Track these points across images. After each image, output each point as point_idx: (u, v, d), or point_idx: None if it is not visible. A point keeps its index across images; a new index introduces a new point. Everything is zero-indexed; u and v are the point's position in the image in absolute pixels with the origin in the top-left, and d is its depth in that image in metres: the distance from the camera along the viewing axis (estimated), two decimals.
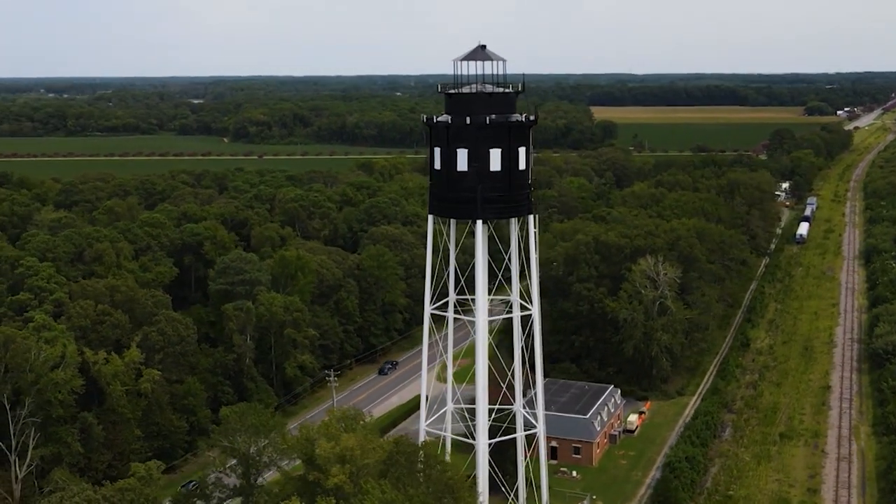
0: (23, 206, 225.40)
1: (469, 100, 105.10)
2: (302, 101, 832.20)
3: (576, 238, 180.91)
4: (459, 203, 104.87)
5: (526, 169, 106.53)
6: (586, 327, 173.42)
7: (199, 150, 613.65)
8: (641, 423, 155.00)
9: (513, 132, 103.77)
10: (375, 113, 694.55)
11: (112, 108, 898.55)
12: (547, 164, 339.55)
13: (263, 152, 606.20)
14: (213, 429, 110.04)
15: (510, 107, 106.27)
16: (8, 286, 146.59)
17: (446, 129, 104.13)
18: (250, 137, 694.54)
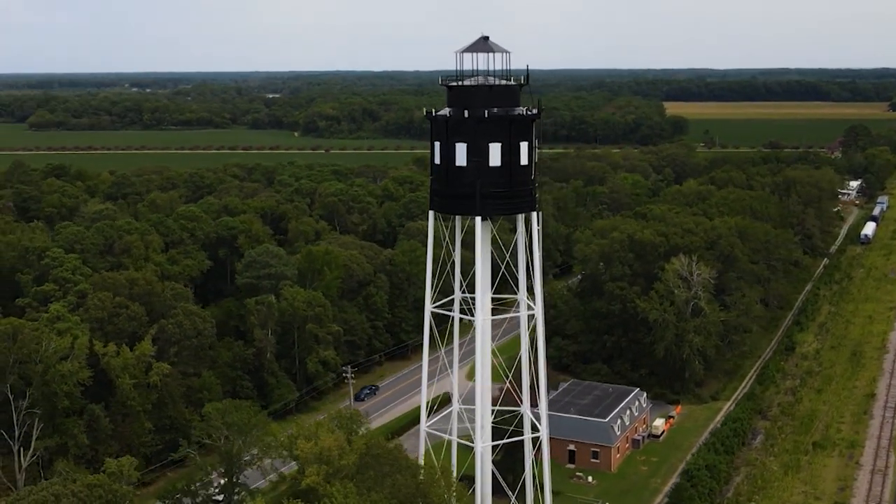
0: (71, 198, 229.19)
1: (470, 93, 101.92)
2: (372, 95, 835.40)
3: (610, 235, 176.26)
4: (458, 199, 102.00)
5: (529, 164, 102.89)
6: (618, 327, 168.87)
7: (268, 144, 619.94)
8: (669, 428, 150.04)
9: (514, 126, 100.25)
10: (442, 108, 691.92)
11: (188, 102, 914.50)
12: (603, 160, 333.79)
13: (331, 146, 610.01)
14: (195, 425, 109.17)
15: (513, 100, 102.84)
16: (34, 277, 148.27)
17: (445, 123, 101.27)
18: (320, 132, 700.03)
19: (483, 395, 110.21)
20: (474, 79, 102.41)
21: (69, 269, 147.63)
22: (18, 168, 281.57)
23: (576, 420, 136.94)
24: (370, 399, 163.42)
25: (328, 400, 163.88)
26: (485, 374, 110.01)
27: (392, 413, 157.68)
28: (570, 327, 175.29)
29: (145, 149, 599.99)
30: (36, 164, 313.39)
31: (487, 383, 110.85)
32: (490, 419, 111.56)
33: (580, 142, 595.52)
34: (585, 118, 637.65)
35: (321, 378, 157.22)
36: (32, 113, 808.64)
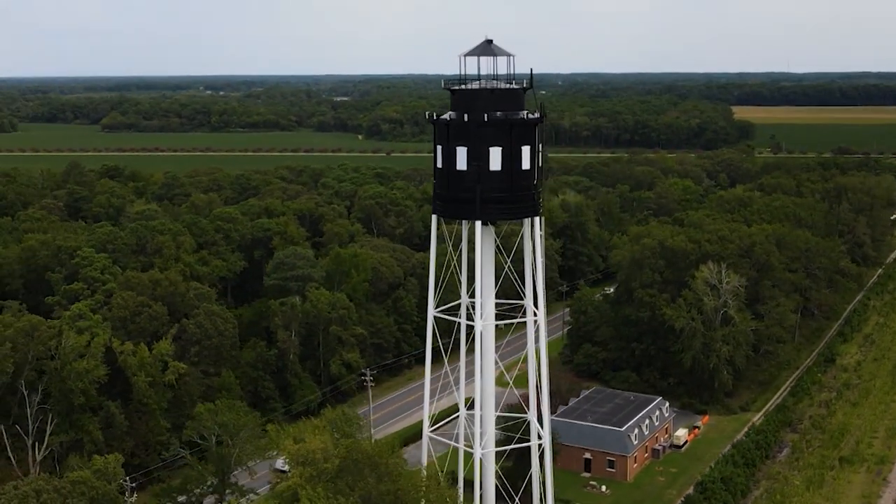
0: (119, 199, 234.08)
1: (472, 96, 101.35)
2: (436, 98, 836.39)
3: (641, 241, 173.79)
4: (459, 203, 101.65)
5: (531, 169, 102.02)
6: (648, 335, 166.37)
7: (331, 147, 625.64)
8: (693, 439, 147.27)
9: (514, 130, 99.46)
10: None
11: (257, 105, 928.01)
12: (656, 165, 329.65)
13: (392, 150, 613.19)
14: (187, 424, 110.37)
15: (516, 104, 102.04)
16: (65, 275, 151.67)
17: (446, 127, 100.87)
18: (383, 135, 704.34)
19: (485, 402, 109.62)
20: (477, 82, 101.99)
21: (98, 269, 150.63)
22: (74, 169, 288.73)
23: (591, 428, 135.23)
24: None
25: (353, 402, 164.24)
26: (487, 380, 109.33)
27: (413, 418, 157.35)
28: (600, 334, 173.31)
29: (210, 150, 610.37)
30: (102, 164, 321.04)
31: (490, 389, 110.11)
32: (493, 425, 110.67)
33: (643, 146, 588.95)
34: (649, 122, 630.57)
35: (344, 380, 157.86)
36: (106, 115, 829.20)
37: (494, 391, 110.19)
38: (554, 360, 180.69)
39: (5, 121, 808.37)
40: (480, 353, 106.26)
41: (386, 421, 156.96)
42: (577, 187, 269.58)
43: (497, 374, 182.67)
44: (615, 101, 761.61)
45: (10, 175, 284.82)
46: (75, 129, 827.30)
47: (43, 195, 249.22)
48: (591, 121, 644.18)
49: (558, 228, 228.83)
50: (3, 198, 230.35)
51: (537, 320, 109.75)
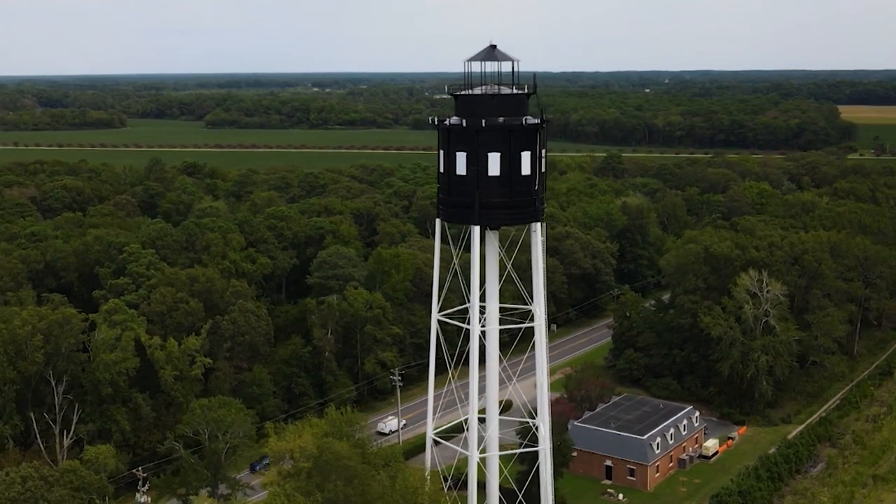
0: (190, 196, 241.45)
1: (474, 101, 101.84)
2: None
3: (686, 247, 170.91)
4: (459, 207, 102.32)
5: (531, 174, 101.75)
6: (689, 342, 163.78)
7: (422, 145, 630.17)
8: (725, 450, 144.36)
9: (514, 136, 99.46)
10: (600, 110, 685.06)
11: (356, 102, 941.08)
12: (735, 168, 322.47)
13: None
14: (182, 418, 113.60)
15: (518, 109, 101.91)
16: (113, 270, 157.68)
17: (447, 132, 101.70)
18: None
19: (489, 406, 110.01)
20: (479, 88, 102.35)
21: (144, 264, 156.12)
22: (155, 165, 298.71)
23: (613, 435, 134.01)
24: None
25: (390, 401, 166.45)
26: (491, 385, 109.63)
27: (445, 419, 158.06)
28: (643, 340, 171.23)
29: (305, 147, 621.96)
30: (200, 160, 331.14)
31: (494, 395, 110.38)
32: (496, 430, 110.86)
33: (738, 146, 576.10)
34: (745, 122, 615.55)
35: (379, 379, 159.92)
36: (210, 111, 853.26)
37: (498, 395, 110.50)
38: (598, 366, 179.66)
39: (115, 117, 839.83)
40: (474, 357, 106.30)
41: (419, 420, 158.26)
42: (644, 190, 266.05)
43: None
44: (712, 101, 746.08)
45: (96, 171, 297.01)
46: (181, 125, 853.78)
47: (122, 191, 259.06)
48: (686, 121, 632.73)
49: (617, 231, 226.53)
50: (81, 193, 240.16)
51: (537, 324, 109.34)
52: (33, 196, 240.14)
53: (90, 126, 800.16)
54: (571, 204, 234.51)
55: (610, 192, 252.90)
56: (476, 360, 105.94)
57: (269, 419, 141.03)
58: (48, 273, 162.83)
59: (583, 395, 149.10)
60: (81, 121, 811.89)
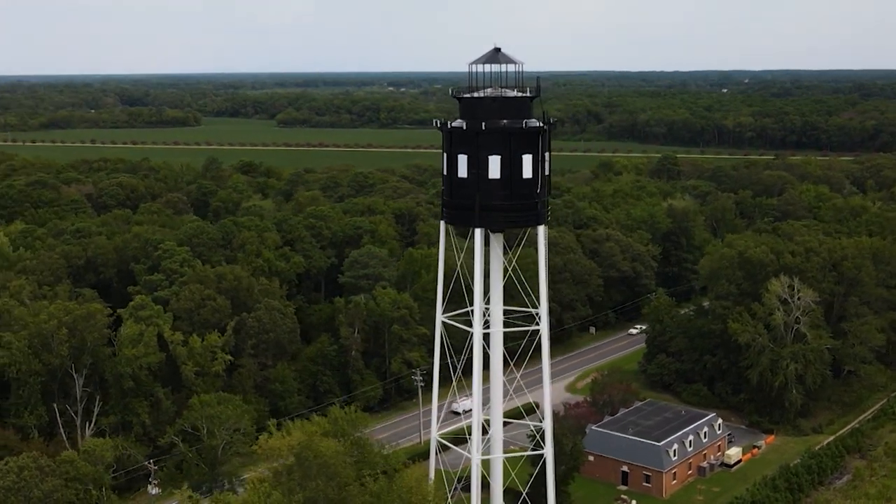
0: (239, 194, 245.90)
1: (476, 104, 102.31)
2: (598, 97, 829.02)
3: (720, 251, 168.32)
4: (460, 210, 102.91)
5: (533, 178, 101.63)
6: (720, 348, 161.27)
7: None
8: (749, 459, 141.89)
9: (514, 139, 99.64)
10: (669, 110, 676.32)
11: (428, 101, 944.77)
12: (794, 170, 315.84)
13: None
14: (184, 414, 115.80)
15: (521, 112, 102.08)
16: (148, 267, 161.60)
17: (450, 135, 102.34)
18: None
19: (493, 408, 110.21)
20: (482, 91, 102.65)
21: (178, 262, 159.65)
22: (212, 164, 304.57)
23: (629, 441, 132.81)
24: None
25: (415, 401, 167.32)
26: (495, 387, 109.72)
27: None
28: (675, 345, 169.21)
29: (371, 147, 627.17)
30: (267, 159, 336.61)
31: (499, 398, 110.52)
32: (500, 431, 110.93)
33: (811, 148, 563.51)
34: (818, 123, 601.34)
35: (405, 378, 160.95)
36: (282, 110, 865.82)
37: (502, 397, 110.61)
38: (626, 370, 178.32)
39: (190, 115, 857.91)
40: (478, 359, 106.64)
41: (444, 420, 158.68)
42: (695, 192, 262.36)
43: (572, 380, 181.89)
44: (786, 101, 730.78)
45: (155, 168, 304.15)
46: (253, 123, 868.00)
47: (177, 188, 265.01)
48: (756, 121, 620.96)
49: (662, 234, 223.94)
50: (135, 191, 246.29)
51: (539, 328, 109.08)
52: (90, 193, 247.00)
53: (165, 124, 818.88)
54: (616, 206, 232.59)
55: (658, 195, 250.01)
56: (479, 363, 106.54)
57: (291, 416, 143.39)
58: (88, 269, 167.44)
59: (605, 400, 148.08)
60: (157, 119, 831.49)
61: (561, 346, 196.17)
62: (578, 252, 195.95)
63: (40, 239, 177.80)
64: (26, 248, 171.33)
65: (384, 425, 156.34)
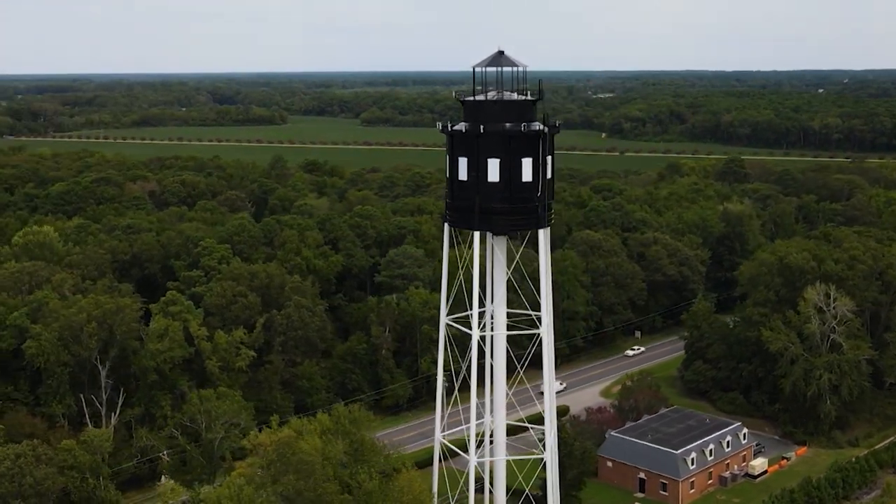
0: (296, 192, 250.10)
1: (478, 107, 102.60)
2: (681, 97, 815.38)
3: (759, 257, 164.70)
4: (461, 212, 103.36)
5: (534, 181, 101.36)
6: (757, 356, 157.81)
7: (566, 145, 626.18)
8: (776, 470, 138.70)
9: (513, 142, 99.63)
10: (753, 111, 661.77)
11: None
12: (868, 174, 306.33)
13: (627, 149, 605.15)
14: (183, 408, 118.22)
15: (524, 115, 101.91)
16: (188, 263, 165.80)
17: (451, 137, 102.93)
18: (624, 133, 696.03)
19: (496, 410, 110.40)
20: (484, 94, 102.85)
21: (216, 259, 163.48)
22: (277, 162, 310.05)
23: (646, 447, 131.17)
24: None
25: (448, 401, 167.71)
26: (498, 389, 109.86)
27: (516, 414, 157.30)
28: (712, 352, 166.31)
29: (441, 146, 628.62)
30: (345, 158, 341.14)
31: (502, 399, 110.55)
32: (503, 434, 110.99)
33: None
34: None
35: (434, 378, 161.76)
36: (367, 109, 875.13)
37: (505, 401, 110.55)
38: (670, 376, 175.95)
39: (276, 114, 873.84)
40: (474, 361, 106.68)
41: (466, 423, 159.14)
42: (755, 196, 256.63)
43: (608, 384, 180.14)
44: (878, 102, 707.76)
45: (223, 167, 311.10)
46: (338, 122, 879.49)
47: (240, 186, 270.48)
48: (844, 123, 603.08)
49: (715, 238, 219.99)
50: (195, 188, 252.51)
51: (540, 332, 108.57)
52: (153, 190, 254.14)
53: (252, 122, 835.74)
54: (669, 209, 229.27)
55: (715, 198, 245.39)
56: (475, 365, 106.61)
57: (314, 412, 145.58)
58: (134, 264, 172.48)
59: (631, 406, 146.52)
60: (244, 117, 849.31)
61: (603, 350, 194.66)
62: (622, 255, 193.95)
63: (93, 234, 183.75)
64: (76, 242, 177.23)
65: (410, 424, 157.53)
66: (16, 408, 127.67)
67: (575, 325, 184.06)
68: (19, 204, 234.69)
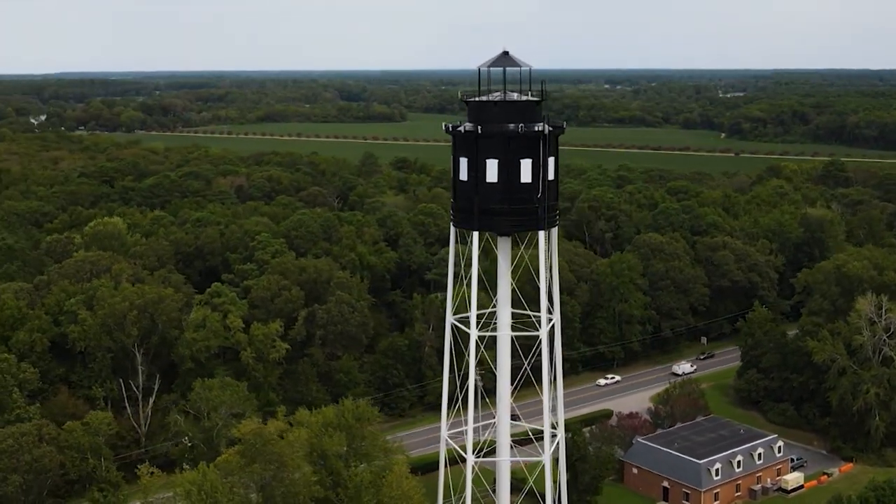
0: (376, 188, 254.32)
1: (481, 108, 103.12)
2: (805, 96, 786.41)
3: (819, 265, 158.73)
4: (463, 213, 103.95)
5: (534, 182, 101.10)
6: (808, 367, 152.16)
7: (680, 145, 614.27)
8: (813, 486, 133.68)
9: (512, 143, 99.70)
10: (882, 111, 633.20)
11: (634, 100, 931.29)
12: None
13: (742, 149, 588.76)
14: (190, 395, 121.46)
15: (527, 116, 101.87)
16: (244, 256, 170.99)
17: (454, 138, 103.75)
18: (744, 134, 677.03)
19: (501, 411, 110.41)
20: (487, 95, 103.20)
21: (270, 252, 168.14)
22: (368, 159, 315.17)
23: (670, 456, 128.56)
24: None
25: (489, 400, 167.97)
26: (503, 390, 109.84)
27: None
28: (766, 361, 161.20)
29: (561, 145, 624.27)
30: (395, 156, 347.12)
31: (506, 400, 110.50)
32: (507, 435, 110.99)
33: None
34: None
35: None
36: None
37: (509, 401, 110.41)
38: (727, 385, 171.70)
39: (396, 111, 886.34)
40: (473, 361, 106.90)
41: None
42: (845, 200, 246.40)
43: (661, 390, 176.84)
44: None
45: (315, 162, 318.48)
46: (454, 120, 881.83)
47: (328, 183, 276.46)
48: None
49: (794, 244, 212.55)
50: (280, 183, 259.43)
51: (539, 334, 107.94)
52: (241, 185, 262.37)
53: (372, 119, 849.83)
54: (747, 213, 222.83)
55: (801, 202, 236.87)
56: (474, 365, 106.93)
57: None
58: (198, 256, 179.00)
59: (666, 412, 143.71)
60: (365, 114, 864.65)
61: (662, 355, 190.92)
62: (685, 259, 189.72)
63: (164, 226, 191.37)
64: (147, 234, 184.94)
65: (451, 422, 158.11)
66: (63, 389, 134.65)
67: (630, 328, 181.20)
68: (113, 196, 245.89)
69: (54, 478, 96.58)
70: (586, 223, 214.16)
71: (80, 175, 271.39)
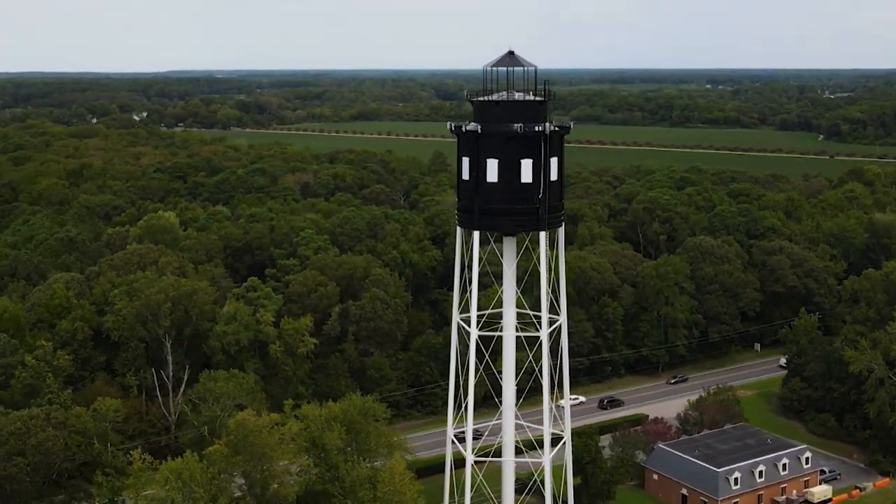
0: (436, 187, 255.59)
1: (485, 108, 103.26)
2: None
3: (866, 273, 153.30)
4: (465, 212, 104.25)
5: (534, 182, 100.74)
6: (850, 377, 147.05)
7: (770, 147, 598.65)
8: (843, 500, 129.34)
9: (511, 143, 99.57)
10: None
11: (731, 100, 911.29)
12: None
13: (839, 152, 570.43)
14: (196, 388, 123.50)
15: (531, 116, 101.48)
16: (288, 252, 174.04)
17: (458, 138, 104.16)
18: (842, 136, 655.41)
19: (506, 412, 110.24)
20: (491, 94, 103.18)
21: (312, 248, 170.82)
22: (438, 158, 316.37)
23: (690, 463, 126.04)
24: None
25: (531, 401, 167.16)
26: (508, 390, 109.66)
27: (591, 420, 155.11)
28: (810, 370, 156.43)
29: (649, 145, 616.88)
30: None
31: (510, 400, 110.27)
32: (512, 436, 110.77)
33: None
34: None
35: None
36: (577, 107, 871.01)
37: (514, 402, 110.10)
38: (772, 393, 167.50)
39: None
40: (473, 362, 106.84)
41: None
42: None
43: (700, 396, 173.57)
44: None
45: (385, 160, 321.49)
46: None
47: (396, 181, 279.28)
48: None
49: (858, 250, 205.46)
50: (343, 180, 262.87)
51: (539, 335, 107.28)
52: (307, 182, 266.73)
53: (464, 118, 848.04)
54: (811, 217, 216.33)
55: (872, 207, 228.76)
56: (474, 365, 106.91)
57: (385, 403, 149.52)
58: (246, 251, 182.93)
59: (695, 419, 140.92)
60: (457, 113, 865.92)
61: (709, 360, 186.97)
62: (735, 263, 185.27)
63: (218, 221, 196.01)
64: (201, 229, 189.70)
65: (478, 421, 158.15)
66: (101, 377, 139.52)
67: (675, 332, 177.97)
68: (182, 191, 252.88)
69: (60, 461, 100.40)
70: (640, 225, 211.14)
71: (156, 170, 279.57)
